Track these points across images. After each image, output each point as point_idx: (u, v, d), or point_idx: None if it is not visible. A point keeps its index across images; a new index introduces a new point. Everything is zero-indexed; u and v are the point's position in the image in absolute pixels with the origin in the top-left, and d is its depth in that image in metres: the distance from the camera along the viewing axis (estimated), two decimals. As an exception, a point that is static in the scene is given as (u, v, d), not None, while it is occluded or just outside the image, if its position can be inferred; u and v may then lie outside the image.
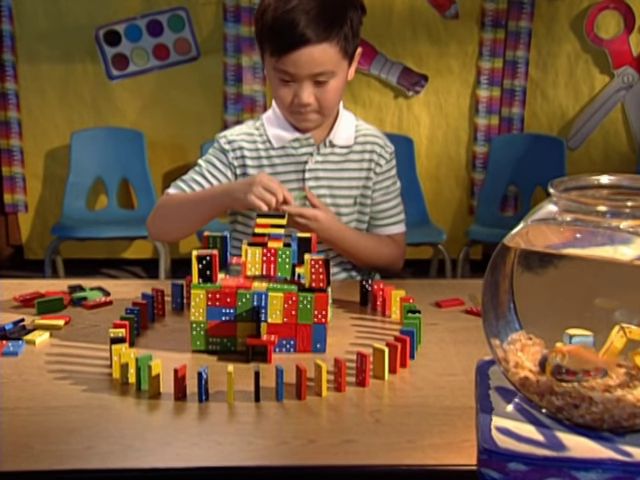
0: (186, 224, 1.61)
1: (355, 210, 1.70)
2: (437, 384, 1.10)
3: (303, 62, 1.51)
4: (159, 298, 1.38)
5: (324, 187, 1.67)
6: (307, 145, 1.66)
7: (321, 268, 1.18)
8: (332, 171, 1.68)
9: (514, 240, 0.89)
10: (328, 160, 1.68)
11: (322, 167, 1.67)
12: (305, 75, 1.53)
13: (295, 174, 1.66)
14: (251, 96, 3.91)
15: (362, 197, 1.71)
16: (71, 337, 1.26)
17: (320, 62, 1.52)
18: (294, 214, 1.50)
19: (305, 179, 1.66)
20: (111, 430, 0.94)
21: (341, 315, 1.39)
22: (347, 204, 1.69)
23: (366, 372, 1.08)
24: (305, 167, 1.66)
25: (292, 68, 1.52)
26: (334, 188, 1.68)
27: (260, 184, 1.44)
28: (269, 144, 1.66)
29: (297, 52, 1.50)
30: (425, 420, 0.98)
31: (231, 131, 1.71)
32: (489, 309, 0.91)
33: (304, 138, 1.66)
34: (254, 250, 1.24)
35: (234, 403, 1.02)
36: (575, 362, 0.86)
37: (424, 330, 1.29)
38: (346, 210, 1.69)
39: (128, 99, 3.94)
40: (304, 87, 1.54)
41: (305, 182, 1.66)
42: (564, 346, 0.87)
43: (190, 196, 1.60)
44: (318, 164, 1.67)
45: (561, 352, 0.86)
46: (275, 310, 1.19)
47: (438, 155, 4.04)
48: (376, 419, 0.98)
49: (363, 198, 1.71)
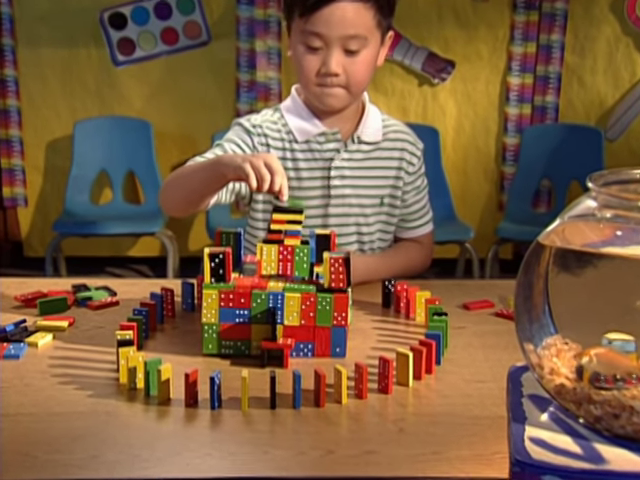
0: (186, 192, 1.50)
1: (382, 211, 1.70)
2: (465, 392, 1.10)
3: (335, 20, 1.50)
4: (169, 298, 1.38)
5: (349, 187, 1.66)
6: (334, 140, 1.65)
7: (341, 267, 1.19)
8: (358, 169, 1.67)
9: (549, 238, 0.89)
10: (354, 157, 1.67)
11: (348, 165, 1.66)
12: (336, 37, 1.51)
13: (320, 172, 1.65)
14: (265, 83, 3.92)
15: (391, 198, 1.70)
16: (75, 339, 1.27)
17: (353, 23, 1.51)
18: None
19: (330, 177, 1.65)
20: (118, 438, 0.95)
21: (362, 317, 1.40)
22: (373, 204, 1.69)
23: (389, 378, 1.09)
24: (331, 164, 1.65)
25: (323, 27, 1.51)
26: (360, 187, 1.67)
27: (263, 158, 1.33)
28: (292, 137, 1.65)
29: (330, 7, 1.49)
30: (452, 430, 0.98)
31: (253, 116, 1.68)
32: (522, 312, 0.91)
33: (331, 133, 1.64)
34: (270, 248, 1.25)
35: (248, 410, 1.03)
36: (605, 367, 0.85)
37: (451, 334, 1.29)
38: (371, 211, 1.69)
39: (134, 86, 3.96)
40: (333, 54, 1.53)
41: (330, 180, 1.65)
42: (592, 349, 0.87)
43: (192, 165, 1.52)
44: (344, 161, 1.66)
45: (588, 355, 0.86)
46: (292, 312, 1.19)
47: (465, 147, 4.03)
48: (399, 428, 0.98)
49: (392, 199, 1.71)
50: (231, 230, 1.34)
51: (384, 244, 1.75)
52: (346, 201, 1.67)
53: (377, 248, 1.73)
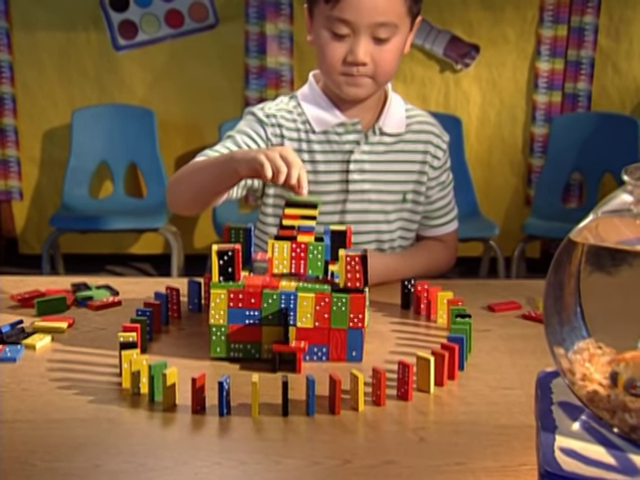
0: (196, 190, 1.51)
1: (404, 208, 1.70)
2: (490, 399, 1.10)
3: (365, 7, 1.50)
4: (174, 298, 1.39)
5: (369, 181, 1.66)
6: (354, 132, 1.65)
7: (358, 266, 1.19)
8: (379, 163, 1.67)
9: (582, 235, 0.89)
10: (375, 150, 1.67)
11: (369, 158, 1.66)
12: (365, 24, 1.52)
13: (338, 165, 1.65)
14: (276, 70, 3.93)
15: (414, 194, 1.70)
16: (75, 341, 1.28)
17: (384, 10, 1.52)
18: None
19: (349, 171, 1.65)
20: (121, 447, 0.96)
21: (380, 319, 1.40)
22: (395, 201, 1.69)
23: (409, 384, 1.09)
24: (350, 157, 1.65)
25: (351, 14, 1.51)
26: (380, 182, 1.67)
27: (278, 150, 1.33)
28: (309, 127, 1.65)
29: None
30: (476, 440, 0.98)
31: (268, 105, 1.69)
32: (552, 314, 0.91)
33: (351, 123, 1.65)
34: (282, 245, 1.25)
35: (259, 417, 1.03)
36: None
37: (475, 337, 1.29)
38: (393, 208, 1.69)
39: (137, 72, 3.97)
40: (361, 42, 1.53)
41: (349, 174, 1.65)
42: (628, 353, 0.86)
43: (204, 161, 1.54)
44: (364, 154, 1.66)
45: (624, 360, 0.86)
46: (305, 313, 1.20)
47: (490, 137, 4.02)
48: (420, 438, 0.99)
49: (415, 195, 1.71)
50: (241, 226, 1.34)
51: (405, 243, 1.75)
52: (365, 197, 1.67)
53: (397, 247, 1.73)
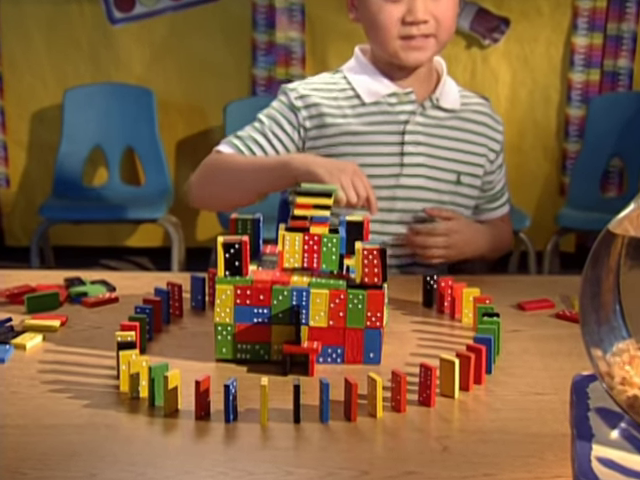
0: (240, 194, 1.62)
1: (457, 191, 1.74)
2: (521, 405, 1.10)
3: None
4: (176, 295, 1.40)
5: (424, 155, 1.70)
6: (408, 102, 1.70)
7: (376, 260, 1.19)
8: (434, 137, 1.71)
9: (622, 226, 0.89)
10: (430, 123, 1.71)
11: (424, 131, 1.71)
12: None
13: (392, 136, 1.69)
14: (286, 45, 3.93)
15: (470, 177, 1.74)
16: (69, 341, 1.29)
17: None
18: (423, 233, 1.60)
19: (404, 143, 1.69)
20: (119, 455, 0.96)
21: (400, 318, 1.40)
22: (448, 180, 1.72)
23: (431, 389, 1.09)
24: (405, 128, 1.69)
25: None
26: (435, 158, 1.71)
27: (352, 173, 1.46)
28: (357, 100, 1.70)
29: None
30: (505, 450, 0.99)
31: (302, 84, 1.74)
32: (589, 312, 0.91)
33: (403, 93, 1.69)
34: (293, 236, 1.26)
35: (268, 424, 1.04)
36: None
37: (504, 338, 1.30)
38: (446, 187, 1.72)
39: (134, 48, 3.98)
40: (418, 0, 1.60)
41: (404, 146, 1.68)
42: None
43: (249, 160, 1.61)
44: (419, 126, 1.70)
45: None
46: (319, 311, 1.20)
47: (521, 120, 4.01)
48: (444, 447, 0.99)
49: (471, 178, 1.75)
50: (248, 216, 1.35)
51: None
52: (420, 172, 1.70)
53: None
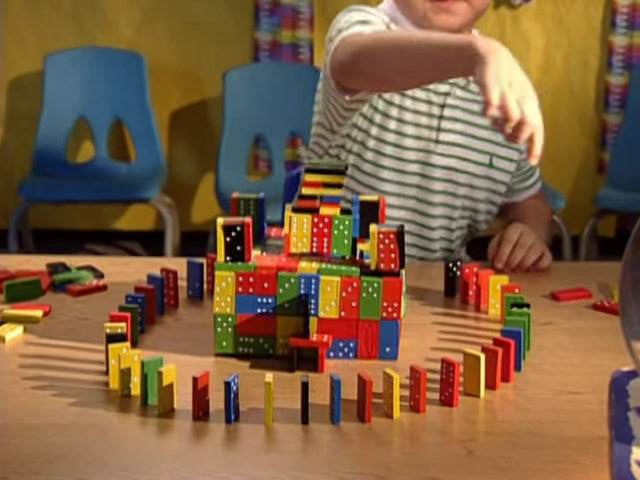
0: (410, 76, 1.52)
1: (490, 175, 1.76)
2: (553, 405, 1.11)
3: None
4: (171, 282, 1.41)
5: (459, 134, 1.72)
6: None
7: (393, 244, 1.19)
8: (473, 115, 1.72)
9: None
10: (469, 98, 1.72)
11: (463, 106, 1.72)
12: None
13: (432, 107, 1.70)
14: (292, 5, 3.92)
15: (503, 160, 1.76)
16: (53, 333, 1.30)
17: None
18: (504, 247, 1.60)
19: (442, 117, 1.70)
20: (108, 458, 0.97)
21: (419, 309, 1.41)
22: (480, 162, 1.74)
23: (454, 387, 1.10)
24: (445, 101, 1.71)
25: None
26: (470, 137, 1.73)
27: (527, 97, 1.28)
28: None
29: None
30: (536, 454, 0.99)
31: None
32: (630, 302, 0.92)
33: None
34: (301, 218, 1.26)
35: (273, 425, 1.04)
36: None
37: (535, 331, 1.30)
38: (478, 170, 1.74)
39: (122, 8, 3.98)
40: None
41: (441, 121, 1.70)
42: None
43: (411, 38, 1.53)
44: (459, 100, 1.72)
45: None
46: (329, 300, 1.21)
47: (556, 88, 4.00)
48: (468, 451, 1.00)
49: (502, 161, 1.76)
50: (251, 196, 1.35)
51: (490, 218, 1.81)
52: (454, 151, 1.72)
53: (483, 222, 1.80)
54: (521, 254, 1.59)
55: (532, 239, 1.61)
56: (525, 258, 1.59)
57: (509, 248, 1.58)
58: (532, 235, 1.62)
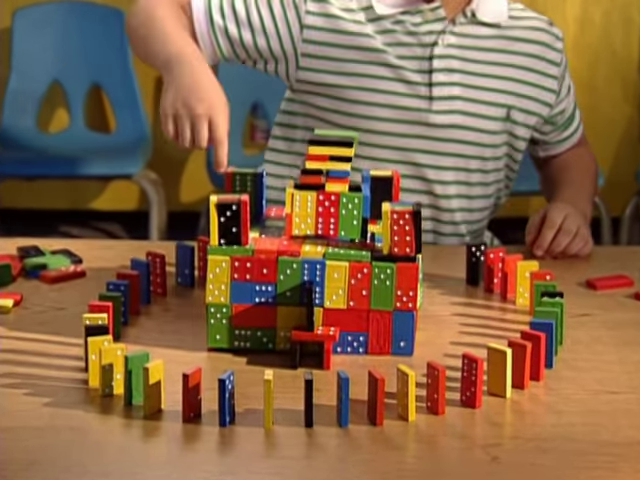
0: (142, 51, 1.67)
1: (504, 129, 1.75)
2: (589, 406, 1.11)
3: None
4: (157, 268, 1.41)
5: (458, 85, 1.72)
6: (435, 20, 1.70)
7: (408, 225, 1.20)
8: (474, 62, 1.73)
9: None
10: (467, 44, 1.72)
11: (458, 54, 1.72)
12: None
13: (418, 62, 1.70)
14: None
15: (523, 113, 1.76)
16: (24, 325, 1.31)
17: None
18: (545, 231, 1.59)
19: (432, 70, 1.70)
20: (88, 464, 0.98)
21: (437, 299, 1.42)
22: (494, 116, 1.74)
23: (477, 386, 1.10)
24: (432, 52, 1.70)
25: None
26: (475, 89, 1.73)
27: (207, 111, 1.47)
28: (371, 13, 1.70)
29: None
30: (569, 461, 1.00)
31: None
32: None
33: (429, 9, 1.69)
34: (304, 195, 1.27)
35: (274, 428, 1.05)
36: None
37: (568, 324, 1.30)
38: (493, 126, 1.74)
39: (101, -43, 3.97)
40: None
41: (432, 75, 1.70)
42: None
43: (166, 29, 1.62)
44: (452, 48, 1.72)
45: None
46: (336, 289, 1.21)
47: (594, 48, 3.98)
48: (493, 457, 1.00)
49: (525, 115, 1.76)
50: (248, 171, 1.36)
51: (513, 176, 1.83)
52: (455, 106, 1.72)
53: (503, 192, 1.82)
54: (565, 241, 1.58)
55: (577, 224, 1.60)
56: (570, 246, 1.59)
57: (551, 233, 1.58)
58: (577, 218, 1.61)
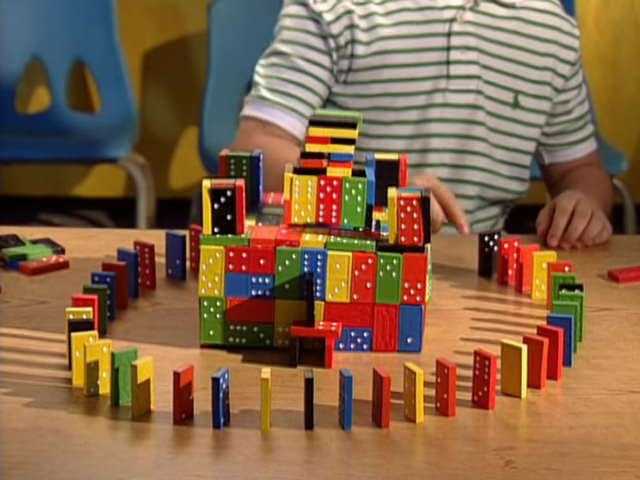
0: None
1: (513, 116, 1.78)
2: (611, 407, 1.12)
3: None
4: (146, 259, 1.42)
5: (476, 64, 1.75)
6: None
7: (416, 212, 1.20)
8: (490, 42, 1.77)
9: None
10: (484, 22, 1.77)
11: (476, 32, 1.76)
12: None
13: (435, 39, 1.74)
14: None
15: (532, 98, 1.78)
16: (3, 320, 1.31)
17: None
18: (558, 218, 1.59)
19: (450, 48, 1.74)
20: (73, 468, 0.99)
21: (447, 292, 1.42)
22: (503, 101, 1.77)
23: (489, 385, 1.11)
24: (451, 28, 1.74)
25: None
26: (489, 70, 1.76)
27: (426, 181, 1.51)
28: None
29: None
30: (590, 465, 1.00)
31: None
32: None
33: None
34: (304, 180, 1.27)
35: (271, 431, 1.05)
36: None
37: (589, 319, 1.31)
38: (500, 110, 1.77)
39: None
40: None
41: (449, 52, 1.73)
42: None
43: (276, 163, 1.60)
44: (470, 25, 1.76)
45: None
46: (339, 281, 1.22)
47: (617, 23, 3.99)
48: (507, 461, 1.01)
49: (535, 100, 1.79)
50: (244, 154, 1.36)
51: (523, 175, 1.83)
52: (472, 85, 1.75)
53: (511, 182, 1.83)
54: (582, 224, 1.57)
55: (591, 207, 1.60)
56: (588, 229, 1.58)
57: (564, 219, 1.57)
58: (590, 202, 1.61)
